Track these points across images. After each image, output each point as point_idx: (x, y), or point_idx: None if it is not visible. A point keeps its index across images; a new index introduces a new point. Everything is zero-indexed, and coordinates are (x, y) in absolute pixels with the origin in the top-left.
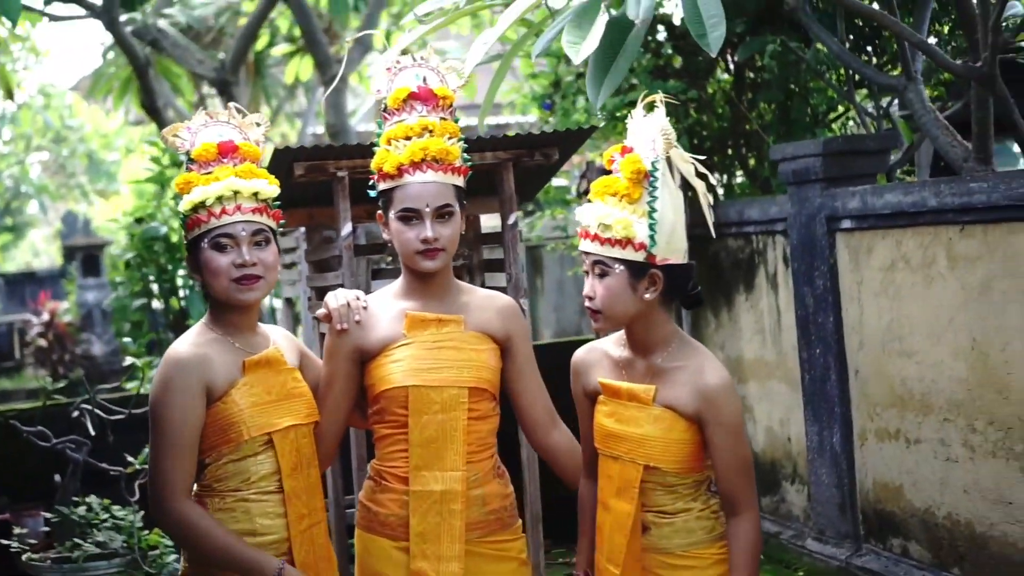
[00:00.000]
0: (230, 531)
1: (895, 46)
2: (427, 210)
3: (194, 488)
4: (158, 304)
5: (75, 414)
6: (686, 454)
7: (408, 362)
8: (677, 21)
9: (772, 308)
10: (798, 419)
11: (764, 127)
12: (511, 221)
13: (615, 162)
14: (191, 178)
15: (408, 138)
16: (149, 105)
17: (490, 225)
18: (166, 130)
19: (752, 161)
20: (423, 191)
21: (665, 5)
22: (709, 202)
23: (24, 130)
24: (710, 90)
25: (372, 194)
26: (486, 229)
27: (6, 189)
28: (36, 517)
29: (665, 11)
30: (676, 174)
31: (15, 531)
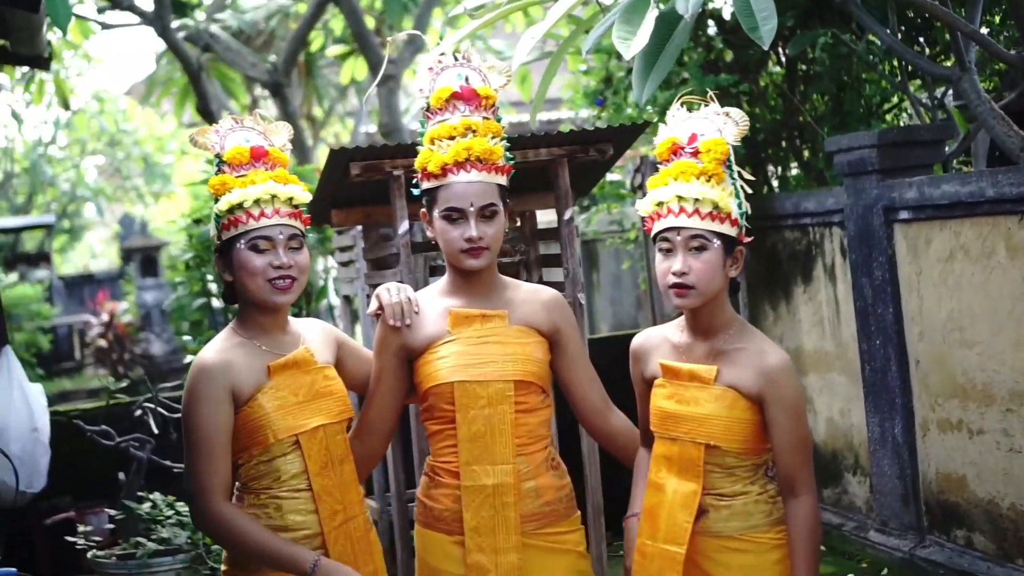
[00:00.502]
0: (265, 528)
1: (947, 37)
2: (471, 209)
3: (234, 488)
4: (217, 303)
5: (138, 413)
6: (747, 434)
7: (453, 358)
8: (727, 15)
9: (831, 299)
10: (859, 410)
11: (817, 119)
12: (567, 216)
13: (689, 145)
14: (226, 180)
15: (452, 138)
16: (203, 109)
17: (546, 220)
18: (195, 132)
19: (807, 153)
20: (467, 190)
21: (715, 0)
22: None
23: (80, 135)
24: (762, 83)
25: (416, 192)
26: (542, 225)
27: (63, 193)
28: (100, 514)
29: (715, 5)
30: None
31: (80, 529)
